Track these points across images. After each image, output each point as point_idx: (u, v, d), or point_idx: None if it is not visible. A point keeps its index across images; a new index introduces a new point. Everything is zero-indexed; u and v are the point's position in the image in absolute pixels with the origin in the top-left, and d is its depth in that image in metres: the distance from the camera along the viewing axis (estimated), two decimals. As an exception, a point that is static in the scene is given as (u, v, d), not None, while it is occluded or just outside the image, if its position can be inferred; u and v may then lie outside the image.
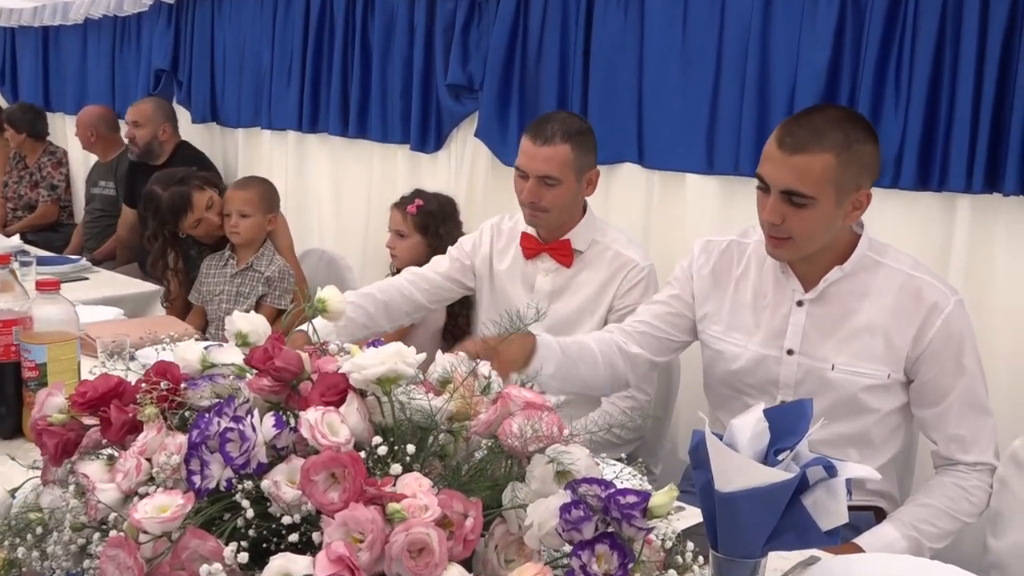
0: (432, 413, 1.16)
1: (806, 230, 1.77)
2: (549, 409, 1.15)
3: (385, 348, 1.15)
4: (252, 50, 4.50)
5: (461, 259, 2.56)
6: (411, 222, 3.01)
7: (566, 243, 2.37)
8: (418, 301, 2.49)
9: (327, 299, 1.41)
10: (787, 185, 1.74)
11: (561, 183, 2.30)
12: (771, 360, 1.91)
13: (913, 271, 1.85)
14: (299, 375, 1.20)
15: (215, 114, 4.79)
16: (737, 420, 1.38)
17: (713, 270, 2.02)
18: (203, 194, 3.32)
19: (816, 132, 1.73)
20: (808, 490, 1.35)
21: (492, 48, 3.40)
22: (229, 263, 3.28)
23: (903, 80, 2.58)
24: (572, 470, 1.07)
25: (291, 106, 4.28)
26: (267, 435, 1.12)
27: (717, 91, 2.92)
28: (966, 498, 1.80)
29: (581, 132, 2.34)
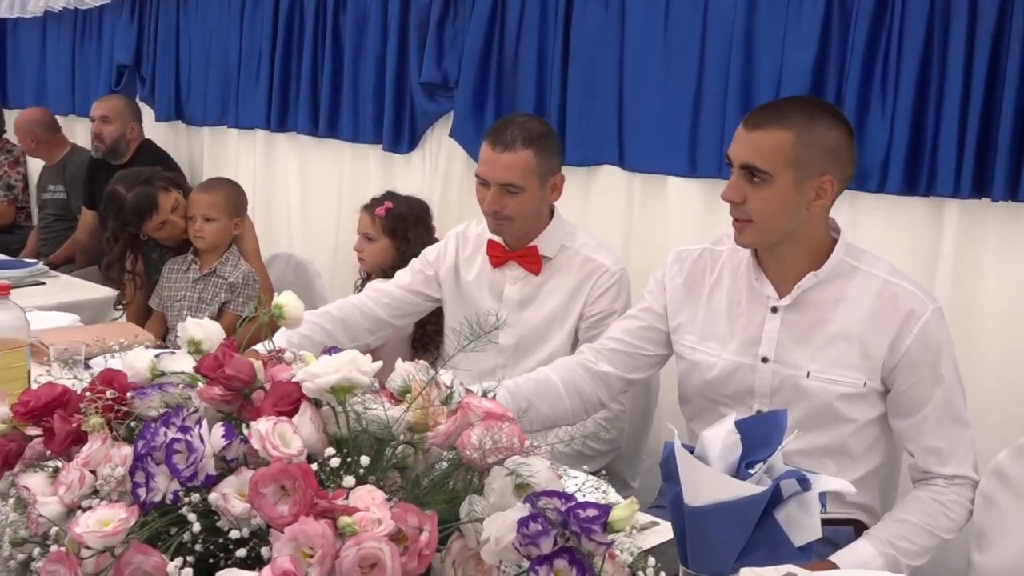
0: (389, 423, 1.16)
1: (765, 211, 1.80)
2: (510, 420, 1.16)
3: (340, 356, 1.15)
4: (219, 45, 4.50)
5: (424, 270, 2.56)
6: (379, 225, 3.01)
7: (533, 250, 2.38)
8: (380, 318, 2.49)
9: (284, 305, 1.42)
10: (745, 159, 1.79)
11: (524, 190, 2.31)
12: (746, 368, 1.93)
13: (890, 277, 1.87)
14: (251, 384, 1.21)
15: (180, 112, 4.78)
16: (708, 432, 1.39)
17: (686, 280, 2.04)
18: (168, 196, 3.31)
19: (779, 111, 1.81)
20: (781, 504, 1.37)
21: (468, 45, 3.41)
22: (192, 268, 3.27)
23: (890, 82, 2.60)
24: (531, 483, 1.08)
25: (259, 104, 4.28)
26: (216, 446, 1.12)
27: (700, 91, 2.94)
28: (944, 513, 1.82)
29: (543, 136, 2.35)
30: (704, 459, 1.40)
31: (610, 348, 2.09)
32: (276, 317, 1.42)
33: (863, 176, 2.64)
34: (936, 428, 1.84)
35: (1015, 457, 1.92)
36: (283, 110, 4.20)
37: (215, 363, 1.20)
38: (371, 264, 3.06)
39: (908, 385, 1.84)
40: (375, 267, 3.05)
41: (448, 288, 2.52)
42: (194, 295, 3.22)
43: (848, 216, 2.71)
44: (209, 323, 1.41)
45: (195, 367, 1.24)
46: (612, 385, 2.09)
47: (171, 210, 3.30)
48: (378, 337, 2.52)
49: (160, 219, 3.30)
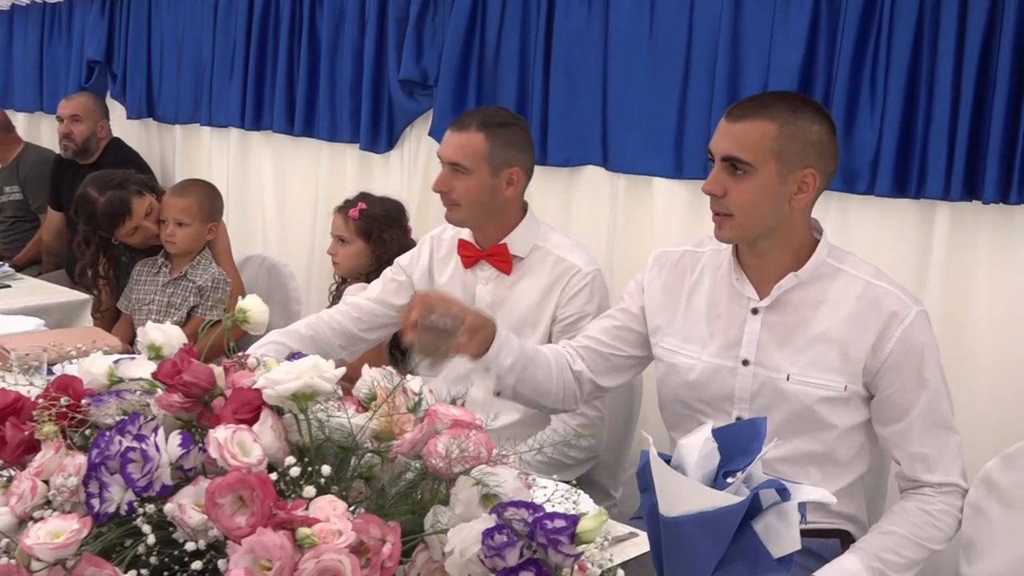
0: (353, 432, 1.16)
1: (747, 204, 1.81)
2: (478, 428, 1.16)
3: (302, 362, 1.15)
4: (192, 41, 4.49)
5: (396, 277, 2.56)
6: (353, 227, 3.01)
7: (503, 248, 2.38)
8: (351, 333, 2.50)
9: (248, 309, 1.42)
10: (727, 151, 1.81)
11: (471, 173, 2.32)
12: (726, 371, 1.94)
13: (873, 279, 1.88)
14: (211, 391, 1.20)
15: (152, 109, 4.77)
16: (685, 440, 1.39)
17: (665, 282, 2.05)
18: (142, 200, 3.30)
19: (762, 103, 1.84)
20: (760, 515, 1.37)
21: (448, 42, 3.41)
22: (162, 271, 3.26)
23: (879, 81, 2.62)
24: (498, 493, 1.08)
25: (233, 101, 4.27)
26: (173, 455, 1.12)
27: (686, 91, 2.95)
28: (932, 524, 1.83)
29: (504, 124, 2.36)
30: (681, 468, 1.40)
31: (584, 346, 2.10)
32: (240, 322, 1.42)
33: (852, 178, 2.66)
34: (922, 434, 1.85)
35: (1004, 466, 1.93)
36: (258, 108, 4.19)
37: (173, 369, 1.19)
38: (346, 268, 3.05)
39: (892, 390, 1.85)
40: (350, 271, 3.05)
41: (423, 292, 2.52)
42: (163, 299, 3.21)
43: (836, 219, 2.73)
44: (170, 328, 1.41)
45: (153, 373, 1.24)
46: (584, 386, 2.10)
47: (144, 215, 3.29)
48: (351, 352, 2.52)
49: (133, 224, 3.29)
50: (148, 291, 3.26)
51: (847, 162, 2.66)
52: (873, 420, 1.91)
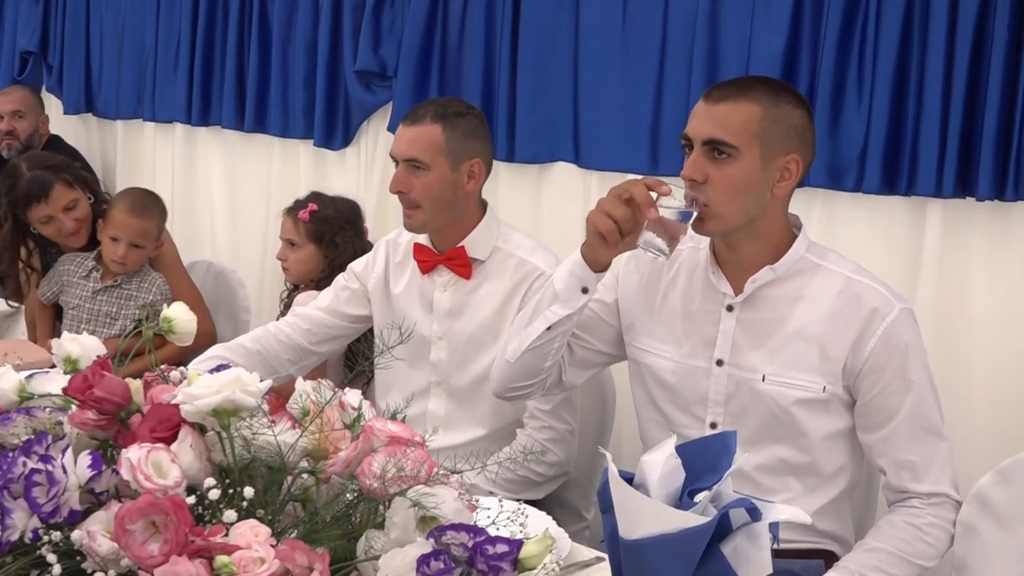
0: (280, 450, 1.15)
1: (729, 190, 1.81)
2: (417, 444, 1.15)
3: (223, 374, 1.14)
4: (134, 30, 4.45)
5: (349, 285, 2.54)
6: (303, 230, 2.99)
7: (461, 251, 2.36)
8: (301, 346, 2.48)
9: (174, 319, 1.40)
10: (709, 134, 1.81)
11: (430, 169, 2.30)
12: (699, 372, 1.94)
13: (855, 275, 1.90)
14: (126, 407, 1.19)
15: (91, 104, 4.72)
16: (647, 456, 1.39)
17: (642, 278, 2.06)
18: (68, 192, 3.21)
19: (743, 85, 1.87)
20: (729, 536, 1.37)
21: (407, 30, 3.39)
22: (92, 276, 3.21)
23: (866, 70, 2.62)
24: (437, 515, 1.07)
25: (178, 95, 4.23)
26: (82, 477, 1.10)
27: (662, 82, 2.95)
28: (921, 538, 1.82)
29: (459, 114, 2.35)
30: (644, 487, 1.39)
31: None
32: (165, 332, 1.40)
33: (838, 174, 2.67)
34: (908, 440, 1.85)
35: (998, 481, 1.93)
36: (205, 102, 4.15)
37: (84, 384, 1.18)
38: (296, 273, 3.04)
39: (874, 392, 1.85)
40: (301, 276, 3.03)
41: (377, 301, 2.50)
42: (94, 307, 3.17)
43: (823, 217, 2.73)
44: (88, 339, 1.39)
45: (63, 388, 1.22)
46: (546, 383, 2.09)
47: (64, 208, 3.21)
48: (302, 368, 2.50)
49: (46, 211, 3.19)
50: (76, 294, 3.21)
51: (833, 157, 2.66)
52: (857, 427, 1.91)
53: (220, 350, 2.40)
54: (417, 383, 2.44)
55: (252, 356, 2.40)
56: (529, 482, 2.32)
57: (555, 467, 2.36)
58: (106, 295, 3.18)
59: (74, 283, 3.23)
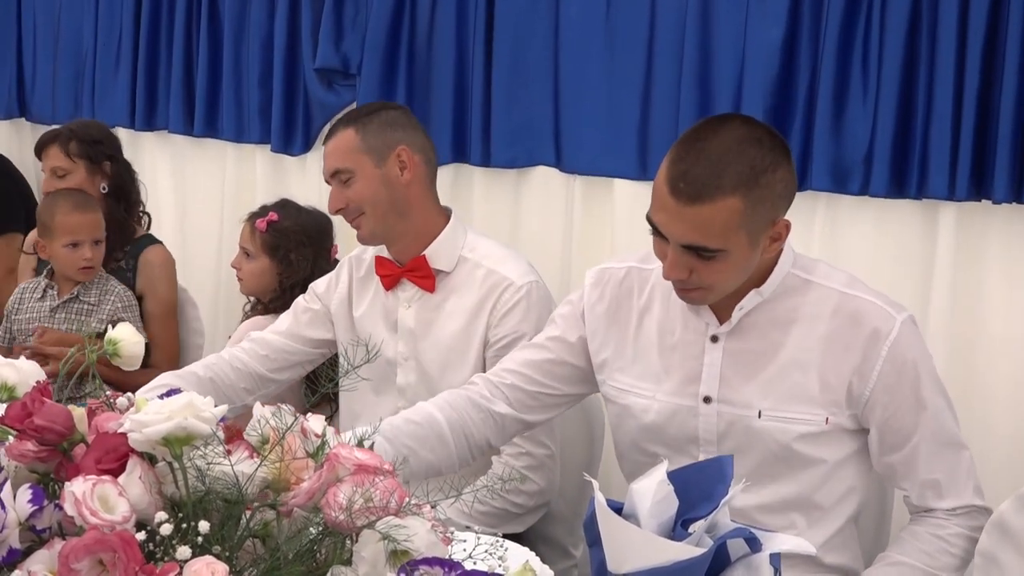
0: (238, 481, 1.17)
1: (720, 279, 1.83)
2: (387, 473, 1.17)
3: (174, 400, 1.15)
4: (70, 26, 4.44)
5: (310, 306, 2.56)
6: (258, 240, 2.99)
7: (422, 261, 2.39)
8: (257, 374, 2.50)
9: (119, 340, 1.42)
10: (688, 240, 1.78)
11: (355, 173, 2.35)
12: (686, 411, 1.95)
13: (847, 289, 1.91)
14: (69, 436, 1.20)
15: (23, 108, 4.71)
16: (637, 484, 1.41)
17: (609, 307, 2.05)
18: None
19: (715, 171, 1.75)
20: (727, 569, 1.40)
21: (372, 24, 3.41)
22: (48, 294, 3.22)
23: (871, 64, 2.66)
24: (409, 548, 1.09)
25: (120, 97, 4.23)
26: (22, 513, 1.12)
27: (650, 78, 2.98)
28: (946, 550, 1.86)
29: (372, 112, 2.41)
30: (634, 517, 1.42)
31: (508, 383, 2.09)
32: (110, 355, 1.42)
33: (842, 177, 2.70)
34: (929, 459, 1.88)
35: (1019, 508, 1.95)
36: (150, 105, 4.15)
37: (23, 411, 1.19)
38: (249, 286, 3.04)
39: (888, 414, 1.88)
40: (254, 290, 3.03)
41: (340, 323, 2.52)
42: (51, 327, 3.17)
43: (825, 223, 2.77)
44: (27, 364, 1.40)
45: (0, 417, 1.24)
46: (507, 428, 2.10)
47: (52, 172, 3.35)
48: (259, 396, 2.50)
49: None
50: (31, 320, 3.22)
51: (836, 158, 2.70)
52: (873, 454, 1.93)
53: (169, 378, 2.40)
54: (384, 410, 2.45)
55: (204, 384, 2.40)
56: (508, 514, 2.33)
57: (535, 496, 2.37)
58: (64, 311, 3.18)
59: (25, 309, 3.23)
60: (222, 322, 3.94)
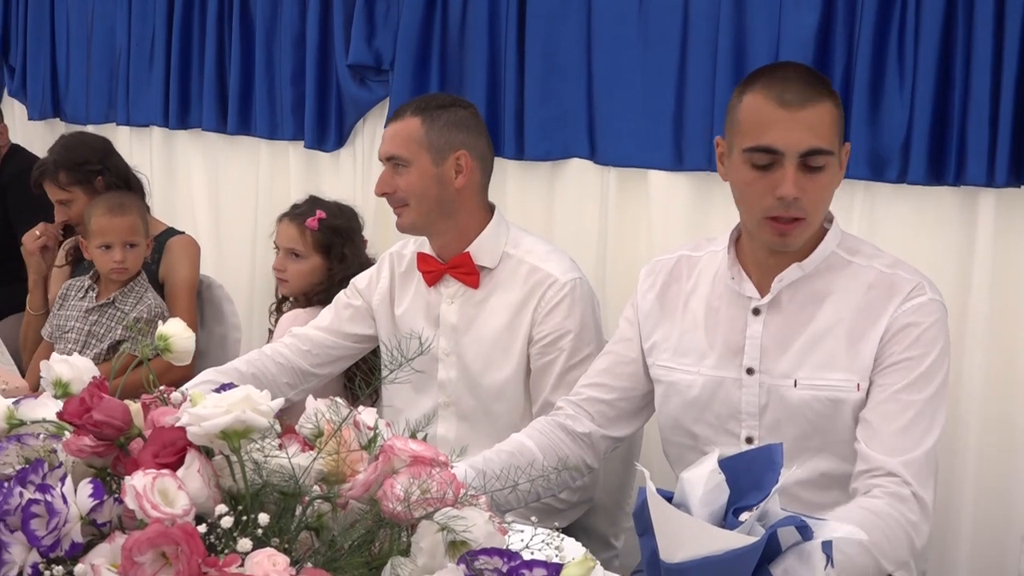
0: (295, 474, 1.17)
1: (821, 199, 1.88)
2: (442, 464, 1.17)
3: (231, 394, 1.16)
4: (103, 26, 4.48)
5: (352, 302, 2.57)
6: (310, 239, 3.00)
7: (466, 258, 2.39)
8: (300, 368, 2.51)
9: (170, 336, 1.43)
10: (808, 144, 1.83)
11: (410, 164, 2.35)
12: (730, 383, 1.97)
13: (887, 268, 1.93)
14: (126, 431, 1.21)
15: (58, 108, 4.75)
16: (688, 473, 1.41)
17: (659, 293, 2.08)
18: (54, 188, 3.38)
19: (809, 80, 1.88)
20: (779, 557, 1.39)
21: (404, 19, 3.42)
22: (88, 295, 3.26)
23: (908, 51, 2.64)
24: (467, 539, 1.09)
25: (155, 96, 4.26)
26: (83, 507, 1.13)
27: (684, 68, 2.97)
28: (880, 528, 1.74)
29: (443, 106, 2.39)
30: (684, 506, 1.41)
31: (586, 397, 2.12)
32: (161, 351, 1.43)
33: (880, 164, 2.68)
34: (884, 403, 1.85)
35: None
36: (184, 103, 4.18)
37: (81, 407, 1.20)
38: (297, 287, 3.03)
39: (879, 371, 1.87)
40: (300, 290, 3.03)
41: (382, 319, 2.53)
42: (84, 327, 3.20)
43: (863, 211, 2.75)
44: (80, 360, 1.42)
45: (59, 413, 1.25)
46: (596, 446, 2.12)
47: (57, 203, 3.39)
48: (301, 391, 2.52)
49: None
50: (70, 317, 3.25)
51: (874, 146, 2.68)
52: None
53: (212, 374, 2.42)
54: (424, 405, 2.47)
55: (247, 379, 2.41)
56: (551, 509, 2.33)
57: (580, 492, 2.38)
58: (97, 314, 3.21)
59: (68, 306, 3.28)
60: (257, 317, 3.96)
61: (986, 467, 2.64)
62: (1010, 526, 2.62)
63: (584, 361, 2.31)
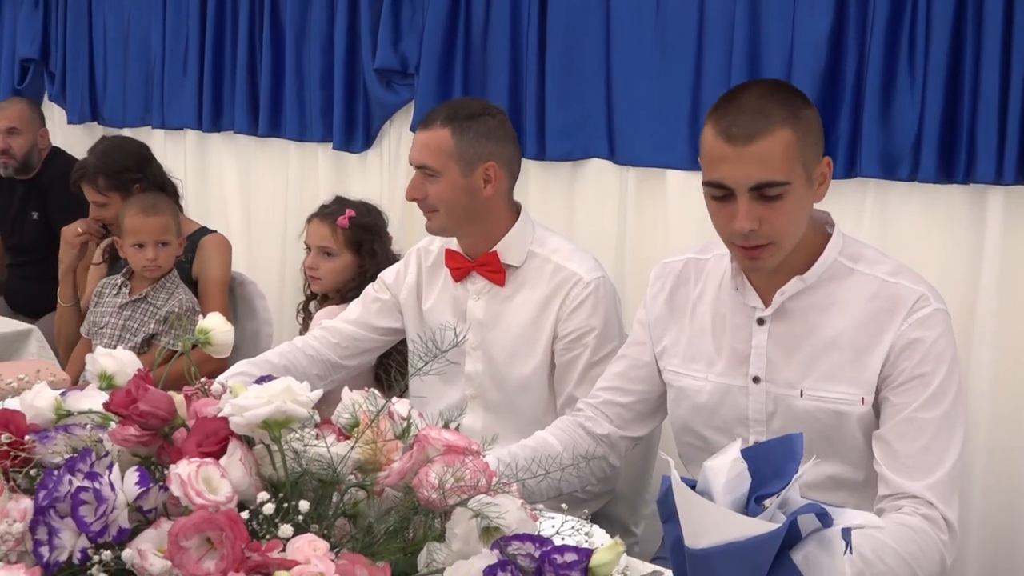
0: (333, 463, 1.17)
1: (786, 225, 1.80)
2: (475, 453, 1.17)
3: (272, 385, 1.16)
4: (139, 33, 4.50)
5: (380, 296, 2.56)
6: (342, 237, 3.01)
7: (493, 257, 2.38)
8: (330, 360, 2.51)
9: (211, 330, 1.43)
10: (756, 179, 1.76)
11: (440, 175, 2.33)
12: (737, 391, 1.95)
13: (889, 277, 1.87)
14: (170, 421, 1.21)
15: (96, 112, 4.78)
16: (711, 462, 1.40)
17: (668, 296, 2.07)
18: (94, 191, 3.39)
19: (759, 111, 1.77)
20: (799, 544, 1.38)
21: (429, 24, 3.42)
22: (122, 291, 3.27)
23: (918, 52, 2.62)
24: (500, 525, 1.09)
25: (188, 100, 4.28)
26: (130, 494, 1.13)
27: (700, 70, 2.96)
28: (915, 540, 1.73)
29: (472, 116, 2.36)
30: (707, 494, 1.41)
31: (604, 400, 2.11)
32: (201, 344, 1.43)
33: (891, 163, 2.66)
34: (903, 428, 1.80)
35: None
36: (216, 107, 4.20)
37: (127, 398, 1.20)
38: (329, 284, 3.04)
39: (889, 390, 1.83)
40: (332, 287, 3.04)
41: (410, 313, 2.53)
42: (118, 322, 3.22)
43: (875, 210, 2.73)
44: (123, 353, 1.42)
45: (105, 404, 1.25)
46: (616, 446, 2.12)
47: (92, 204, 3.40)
48: (330, 382, 2.52)
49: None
50: (105, 313, 3.27)
51: (885, 145, 2.67)
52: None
53: (245, 365, 2.42)
54: (451, 397, 2.47)
55: (279, 371, 2.41)
56: (574, 499, 2.32)
57: (602, 483, 2.37)
58: (131, 309, 3.23)
59: (103, 303, 3.30)
60: (287, 312, 3.96)
61: (995, 464, 2.61)
62: (1019, 524, 2.60)
63: (607, 357, 2.30)
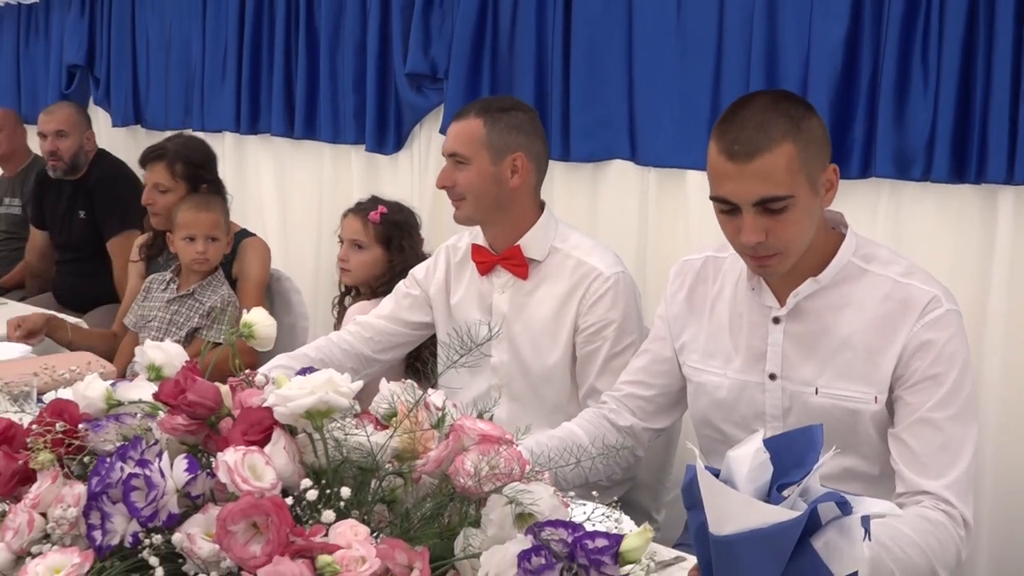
0: (373, 451, 1.17)
1: (793, 236, 1.79)
2: (508, 442, 1.17)
3: (315, 376, 1.16)
4: (180, 40, 4.53)
5: (410, 291, 2.58)
6: (372, 232, 3.02)
7: (517, 251, 2.39)
8: (364, 355, 2.53)
9: (254, 323, 1.43)
10: (759, 195, 1.75)
11: (470, 163, 2.35)
12: (754, 387, 1.94)
13: (902, 278, 1.85)
14: (217, 411, 1.22)
15: (139, 115, 4.81)
16: (734, 452, 1.39)
17: (688, 294, 2.06)
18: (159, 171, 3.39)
19: (761, 126, 1.75)
20: (819, 531, 1.37)
21: (457, 31, 3.43)
22: (170, 287, 3.30)
23: (931, 55, 2.60)
24: (534, 512, 1.09)
25: (227, 104, 4.30)
26: (179, 481, 1.13)
27: (719, 73, 2.95)
28: (933, 532, 1.71)
29: (504, 109, 2.39)
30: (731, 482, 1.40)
31: (627, 394, 2.11)
32: (245, 337, 1.43)
33: (905, 163, 2.65)
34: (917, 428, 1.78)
35: None
36: (254, 110, 4.22)
37: (176, 389, 1.21)
38: (359, 276, 3.05)
39: (903, 389, 1.81)
40: (362, 280, 3.05)
41: (439, 307, 2.54)
42: (166, 316, 3.24)
43: (889, 209, 2.72)
44: (170, 346, 1.43)
45: (154, 394, 1.25)
46: (639, 437, 2.11)
47: (154, 186, 3.39)
48: (364, 375, 2.53)
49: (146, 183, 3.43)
50: (153, 307, 3.30)
51: (899, 146, 2.65)
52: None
53: (283, 359, 2.44)
54: (479, 386, 2.47)
55: (315, 364, 2.43)
56: (598, 487, 2.32)
57: (625, 471, 2.37)
58: (178, 304, 3.25)
59: (152, 297, 3.33)
60: (322, 307, 3.99)
61: (1005, 462, 2.58)
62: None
63: (627, 350, 2.31)
